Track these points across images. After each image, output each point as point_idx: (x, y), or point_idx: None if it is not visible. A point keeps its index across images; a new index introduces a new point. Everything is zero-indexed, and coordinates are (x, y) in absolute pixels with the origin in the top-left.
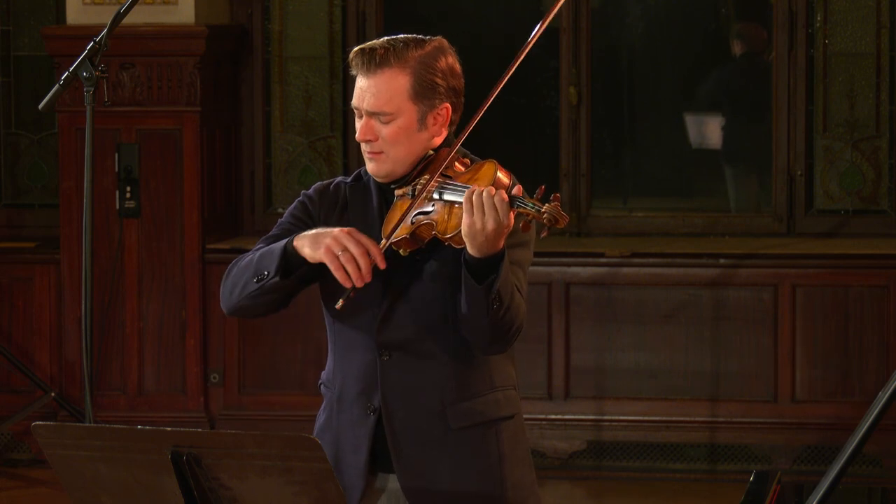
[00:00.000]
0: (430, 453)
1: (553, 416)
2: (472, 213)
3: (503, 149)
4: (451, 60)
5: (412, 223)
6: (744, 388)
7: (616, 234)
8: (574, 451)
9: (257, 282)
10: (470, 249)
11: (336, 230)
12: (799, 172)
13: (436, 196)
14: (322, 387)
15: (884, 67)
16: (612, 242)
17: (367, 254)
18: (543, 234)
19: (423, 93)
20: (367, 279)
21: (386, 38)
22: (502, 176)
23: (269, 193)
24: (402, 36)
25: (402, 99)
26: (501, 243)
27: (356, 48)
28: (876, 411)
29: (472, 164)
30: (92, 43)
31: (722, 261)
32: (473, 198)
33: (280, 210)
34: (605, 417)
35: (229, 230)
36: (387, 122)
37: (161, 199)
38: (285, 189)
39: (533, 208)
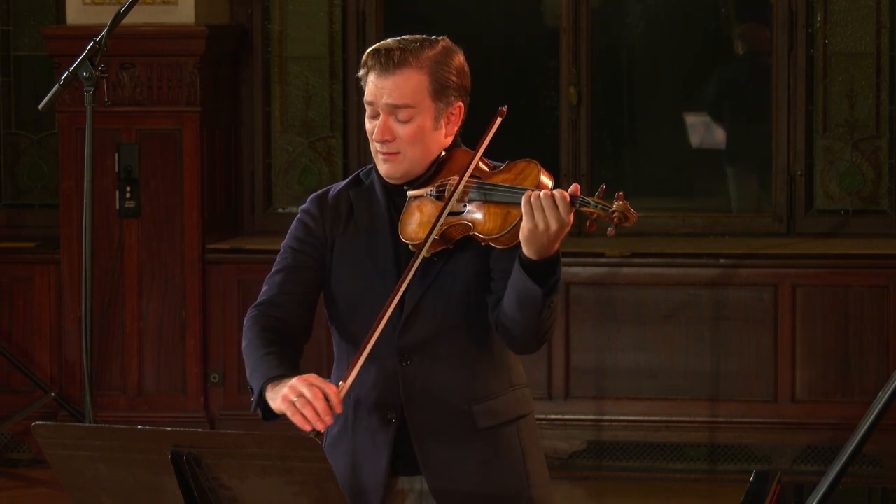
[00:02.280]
0: (458, 455)
1: (553, 416)
2: (533, 216)
3: (503, 149)
4: (462, 59)
5: (441, 224)
6: (744, 388)
7: (616, 234)
8: (574, 451)
9: (249, 389)
10: (527, 252)
11: (293, 379)
12: (799, 172)
13: (474, 196)
14: None
15: (884, 67)
16: (612, 242)
17: (323, 395)
18: (611, 233)
19: (441, 90)
20: (328, 421)
21: (395, 38)
22: (545, 178)
23: (269, 193)
24: (409, 37)
25: (423, 95)
26: (558, 245)
27: (370, 49)
28: (876, 411)
29: (493, 164)
30: (92, 43)
31: (722, 261)
32: (532, 200)
33: (280, 210)
34: (605, 417)
35: (229, 230)
36: (405, 121)
37: (161, 199)
38: (285, 189)
39: (599, 207)
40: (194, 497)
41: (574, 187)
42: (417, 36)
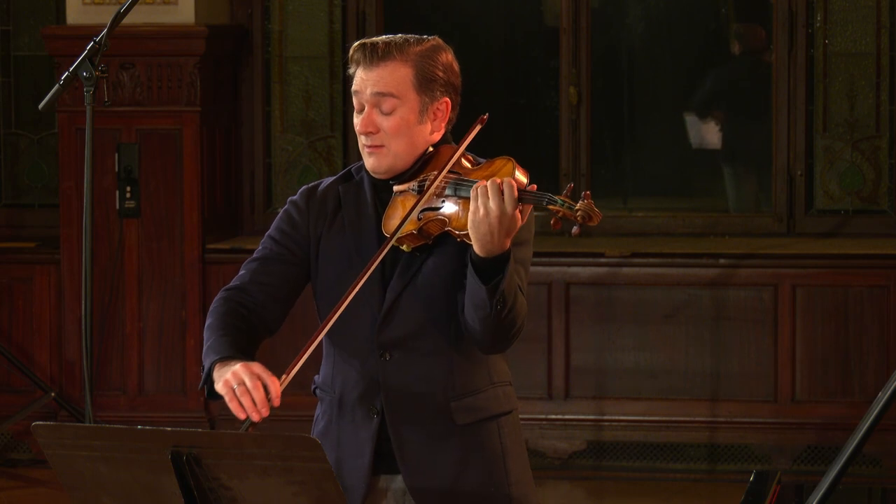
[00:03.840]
0: (436, 451)
1: (553, 416)
2: (476, 200)
3: (503, 149)
4: (450, 57)
5: (419, 219)
6: (744, 388)
7: (616, 234)
8: (574, 451)
9: (202, 369)
10: (475, 245)
11: (238, 365)
12: (799, 172)
13: (449, 192)
14: (317, 391)
15: (884, 67)
16: (612, 242)
17: (263, 386)
18: (576, 232)
19: (426, 84)
20: (264, 413)
21: (384, 35)
22: (520, 174)
23: (269, 193)
24: (399, 35)
25: (407, 87)
26: (508, 243)
27: (357, 43)
28: (876, 411)
29: (476, 161)
30: (92, 43)
31: (722, 261)
32: (479, 186)
33: (280, 210)
34: (605, 417)
35: (229, 230)
36: (389, 113)
37: (161, 199)
38: (285, 189)
39: (565, 206)
40: (194, 497)
41: (531, 187)
42: (407, 34)
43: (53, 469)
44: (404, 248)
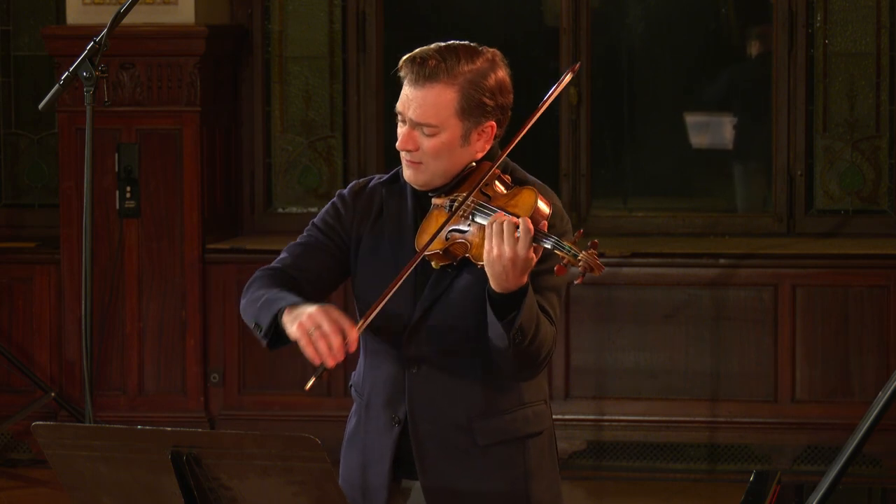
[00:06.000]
0: (455, 466)
1: (553, 416)
2: (491, 239)
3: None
4: (502, 75)
5: (447, 239)
6: (744, 388)
7: (616, 234)
8: (574, 451)
9: (255, 327)
10: (491, 281)
11: (314, 308)
12: (799, 172)
13: (474, 217)
14: (352, 389)
15: (884, 67)
16: (612, 242)
17: (341, 332)
18: (578, 281)
19: (470, 110)
20: (340, 358)
21: (437, 46)
22: (543, 206)
23: (269, 193)
24: (454, 44)
25: (449, 114)
26: (525, 279)
27: (406, 56)
28: (876, 411)
29: (513, 182)
30: (92, 43)
31: (722, 261)
32: (495, 224)
33: (280, 210)
34: (605, 417)
35: (229, 230)
36: (430, 135)
37: (161, 199)
38: (285, 189)
39: (569, 252)
40: (194, 497)
41: (542, 225)
42: (462, 44)
43: (53, 469)
44: (433, 264)
